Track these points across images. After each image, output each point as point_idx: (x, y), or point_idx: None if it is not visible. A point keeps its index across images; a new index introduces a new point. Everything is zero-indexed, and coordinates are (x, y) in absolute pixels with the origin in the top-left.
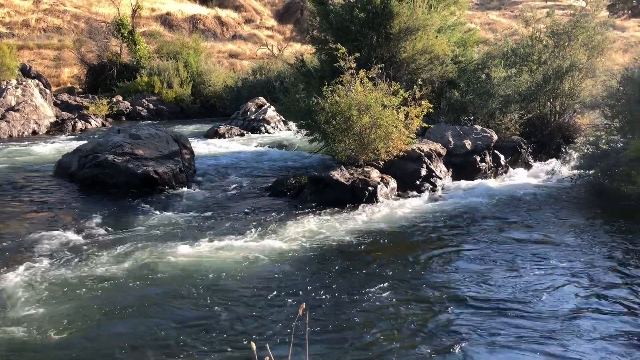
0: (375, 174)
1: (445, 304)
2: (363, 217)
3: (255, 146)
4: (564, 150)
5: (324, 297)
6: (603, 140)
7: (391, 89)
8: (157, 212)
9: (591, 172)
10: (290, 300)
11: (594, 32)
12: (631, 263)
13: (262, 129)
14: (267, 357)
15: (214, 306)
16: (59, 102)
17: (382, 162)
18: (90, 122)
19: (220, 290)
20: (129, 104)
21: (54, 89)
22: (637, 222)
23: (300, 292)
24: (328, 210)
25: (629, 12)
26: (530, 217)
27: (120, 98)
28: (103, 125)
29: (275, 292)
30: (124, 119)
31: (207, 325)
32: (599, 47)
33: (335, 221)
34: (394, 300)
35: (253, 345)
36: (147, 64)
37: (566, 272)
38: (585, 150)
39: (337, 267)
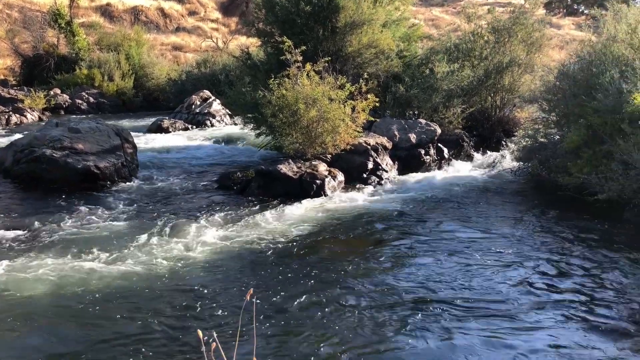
0: (322, 168)
1: (388, 294)
2: (311, 210)
3: (201, 140)
4: (504, 143)
5: (268, 288)
6: (541, 133)
7: (338, 82)
8: (99, 209)
9: (530, 164)
10: (234, 290)
11: (532, 29)
12: (568, 248)
13: (208, 122)
14: (214, 343)
15: (156, 302)
16: None
17: (330, 156)
18: (25, 116)
19: (162, 285)
20: (67, 97)
21: None
22: (573, 210)
23: (245, 285)
24: (275, 203)
25: (564, 10)
26: (473, 208)
27: (59, 91)
28: (40, 119)
29: (220, 285)
30: (62, 112)
31: (151, 321)
32: (537, 43)
33: (283, 214)
34: (340, 291)
35: (199, 332)
36: (86, 56)
37: (509, 259)
38: (524, 143)
39: (283, 260)
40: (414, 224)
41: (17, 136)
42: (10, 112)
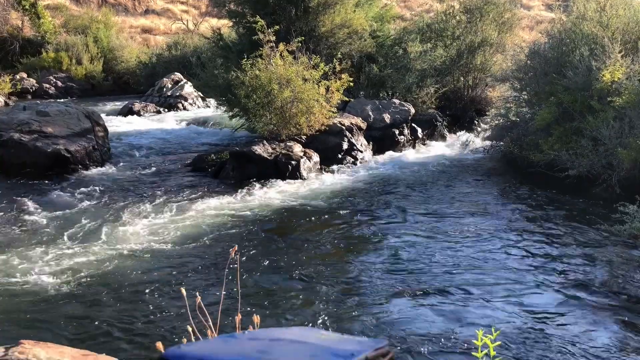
0: (298, 149)
1: (363, 269)
2: (286, 191)
3: (173, 123)
4: (476, 122)
5: (246, 261)
6: (512, 112)
7: (311, 62)
8: (70, 193)
9: (502, 142)
10: (212, 263)
11: (504, 9)
12: (539, 222)
13: (180, 105)
14: (198, 298)
15: (135, 280)
16: None
17: (305, 137)
18: None
19: (142, 265)
20: (34, 81)
21: None
22: (544, 186)
23: (221, 260)
24: (250, 185)
25: None
26: (447, 186)
27: (25, 75)
28: (6, 104)
29: (198, 263)
30: (29, 97)
31: (132, 298)
32: (508, 23)
33: (258, 195)
34: (317, 266)
35: (183, 290)
36: (53, 39)
37: (482, 233)
38: (496, 122)
39: (259, 239)
40: (389, 203)
41: None
42: None
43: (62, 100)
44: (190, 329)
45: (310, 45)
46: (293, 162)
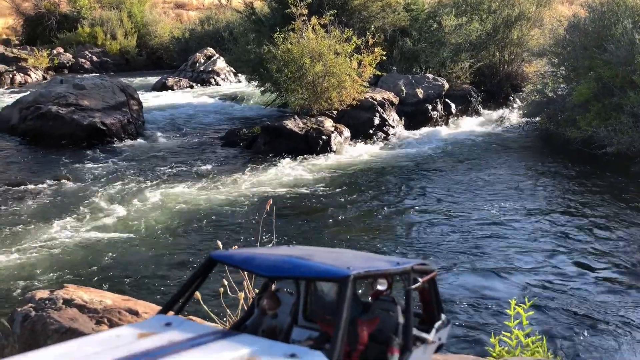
0: (329, 123)
1: (395, 241)
2: (317, 165)
3: (206, 98)
4: (512, 98)
5: (279, 230)
6: (549, 88)
7: (344, 35)
8: (106, 165)
9: (538, 118)
10: (244, 230)
11: None
12: (575, 199)
13: (212, 81)
14: (235, 247)
15: (169, 238)
16: None
17: (336, 112)
18: (30, 75)
19: (175, 225)
20: (70, 56)
21: None
22: (580, 163)
23: (251, 226)
24: (282, 159)
25: None
26: (481, 162)
27: (62, 50)
28: (44, 78)
29: (230, 226)
30: (66, 71)
31: (166, 254)
32: None
33: (289, 169)
34: (344, 234)
35: (219, 243)
36: (88, 14)
37: (515, 209)
38: (532, 98)
39: (288, 209)
40: (420, 179)
41: (23, 94)
42: (15, 72)
43: (97, 74)
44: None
45: (343, 19)
46: (324, 137)
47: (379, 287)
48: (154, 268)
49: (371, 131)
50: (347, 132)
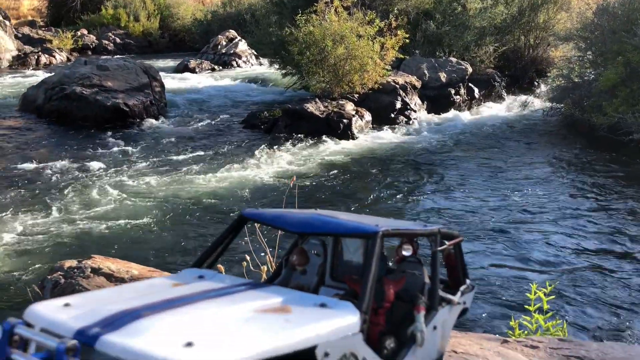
0: (350, 107)
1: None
2: (337, 148)
3: (227, 80)
4: (536, 83)
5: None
6: (575, 73)
7: (366, 18)
8: (128, 145)
9: (562, 104)
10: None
11: None
12: (600, 186)
13: (234, 63)
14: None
15: (191, 215)
16: (20, 35)
17: (357, 95)
18: (54, 56)
19: (196, 203)
20: (94, 37)
21: (13, 22)
22: (606, 150)
23: (271, 203)
24: (303, 142)
25: None
26: (505, 148)
27: (85, 32)
28: (68, 59)
29: (250, 203)
30: (89, 53)
31: (189, 229)
32: None
33: (311, 151)
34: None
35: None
36: None
37: (542, 194)
38: (558, 83)
39: (308, 191)
40: (442, 163)
41: (48, 75)
42: (40, 53)
43: (120, 56)
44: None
45: (366, 1)
46: (345, 121)
47: (404, 253)
48: (177, 243)
49: (393, 115)
50: (368, 116)
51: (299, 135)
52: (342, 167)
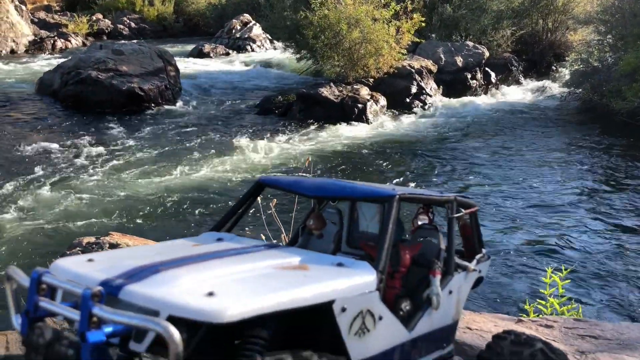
0: (364, 91)
1: None
2: (352, 133)
3: (242, 65)
4: (554, 68)
5: None
6: (594, 57)
7: (382, 1)
8: (145, 129)
9: (581, 89)
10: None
11: None
12: (619, 169)
13: (248, 47)
14: (274, 201)
15: (205, 197)
16: (36, 20)
17: (372, 80)
18: (70, 41)
19: (215, 186)
20: (109, 22)
21: (29, 6)
22: (625, 136)
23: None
24: (317, 126)
25: None
26: (521, 132)
27: (101, 16)
28: (84, 44)
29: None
30: (105, 38)
31: (205, 210)
32: None
33: (325, 135)
34: None
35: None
36: None
37: (560, 180)
38: (576, 67)
39: (327, 175)
40: (457, 149)
41: (63, 60)
42: (56, 37)
43: (135, 41)
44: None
45: None
46: (359, 105)
47: (420, 222)
48: (193, 221)
49: (408, 100)
50: (383, 101)
51: (313, 119)
52: (356, 150)
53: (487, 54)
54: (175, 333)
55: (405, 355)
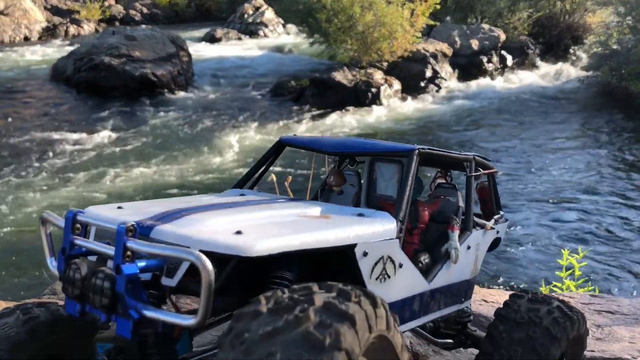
0: (378, 76)
1: None
2: (365, 117)
3: (254, 50)
4: (572, 50)
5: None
6: (613, 39)
7: None
8: (158, 115)
9: (599, 72)
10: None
11: None
12: (637, 152)
13: (260, 32)
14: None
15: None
16: (49, 6)
17: (386, 64)
18: (83, 27)
19: (228, 170)
20: (121, 8)
21: None
22: None
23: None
24: (330, 111)
25: None
26: (538, 116)
27: (113, 2)
28: (96, 30)
29: (280, 170)
30: (117, 24)
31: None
32: None
33: (336, 121)
34: None
35: (273, 176)
36: None
37: (579, 164)
38: (595, 50)
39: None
40: (474, 134)
41: (77, 46)
42: (68, 24)
43: (147, 26)
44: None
45: None
46: (373, 90)
47: (438, 181)
48: None
49: (422, 84)
50: (397, 85)
51: (327, 104)
52: (370, 134)
53: (503, 37)
54: (208, 262)
55: (424, 305)
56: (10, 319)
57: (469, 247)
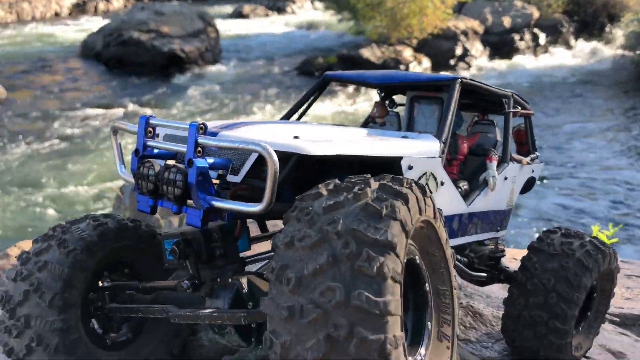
0: (407, 53)
1: None
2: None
3: (281, 26)
4: (608, 29)
5: None
6: None
7: None
8: (186, 91)
9: (636, 52)
10: None
11: None
12: None
13: (288, 8)
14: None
15: None
16: None
17: (415, 41)
18: (112, 3)
19: None
20: None
21: None
22: None
23: None
24: (358, 88)
25: None
26: (571, 97)
27: None
28: (125, 6)
29: None
30: (145, 0)
31: None
32: None
33: (365, 99)
34: None
35: None
36: None
37: (612, 143)
38: (632, 28)
39: None
40: None
41: (106, 22)
42: (98, 0)
43: (176, 2)
44: None
45: None
46: (402, 67)
47: (476, 119)
48: None
49: (452, 62)
50: (426, 62)
51: None
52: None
53: (536, 14)
54: (273, 152)
55: (462, 226)
56: (83, 224)
57: (505, 178)
